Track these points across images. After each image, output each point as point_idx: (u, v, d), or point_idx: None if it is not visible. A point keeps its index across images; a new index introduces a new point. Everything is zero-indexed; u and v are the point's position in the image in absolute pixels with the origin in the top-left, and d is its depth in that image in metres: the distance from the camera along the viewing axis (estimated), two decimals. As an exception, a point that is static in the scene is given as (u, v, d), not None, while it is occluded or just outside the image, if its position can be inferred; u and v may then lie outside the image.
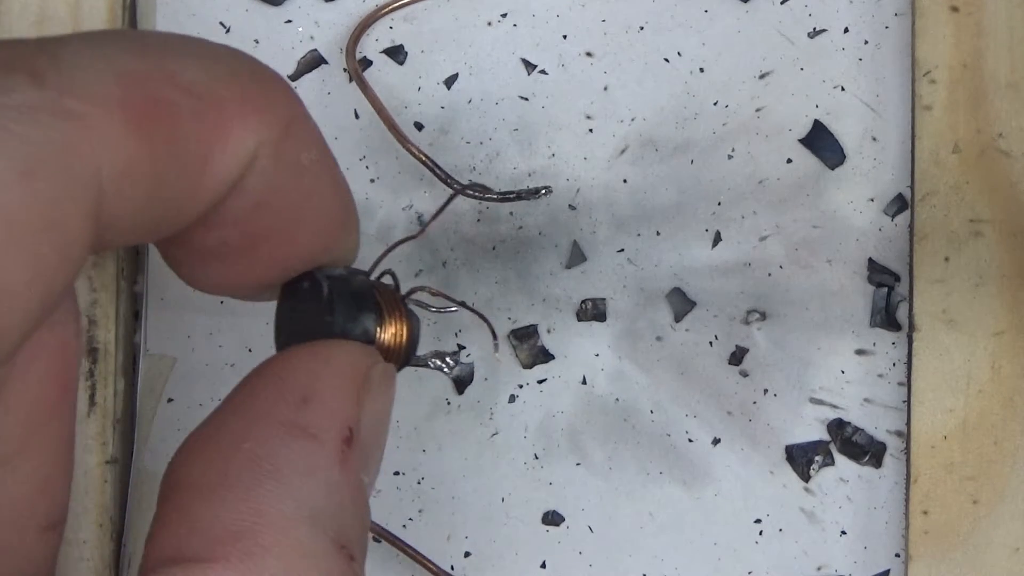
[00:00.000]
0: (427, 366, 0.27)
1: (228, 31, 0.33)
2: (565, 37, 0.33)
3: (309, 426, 0.20)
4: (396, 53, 0.33)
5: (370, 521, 0.22)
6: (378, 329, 0.24)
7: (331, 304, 0.23)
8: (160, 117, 0.19)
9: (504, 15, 0.33)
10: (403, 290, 0.26)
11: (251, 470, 0.20)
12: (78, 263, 0.19)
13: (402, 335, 0.24)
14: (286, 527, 0.19)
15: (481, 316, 0.29)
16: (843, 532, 0.33)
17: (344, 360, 0.22)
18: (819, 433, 0.33)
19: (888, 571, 0.32)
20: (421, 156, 0.31)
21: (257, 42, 0.33)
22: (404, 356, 0.25)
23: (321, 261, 0.24)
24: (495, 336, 0.31)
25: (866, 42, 0.33)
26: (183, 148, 0.19)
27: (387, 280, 0.26)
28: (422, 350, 0.28)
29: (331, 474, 0.20)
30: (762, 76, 0.33)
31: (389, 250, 0.28)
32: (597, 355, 0.33)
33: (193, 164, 0.20)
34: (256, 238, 0.22)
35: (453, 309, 0.29)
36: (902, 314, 0.33)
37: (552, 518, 0.33)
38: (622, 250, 0.33)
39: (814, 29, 0.33)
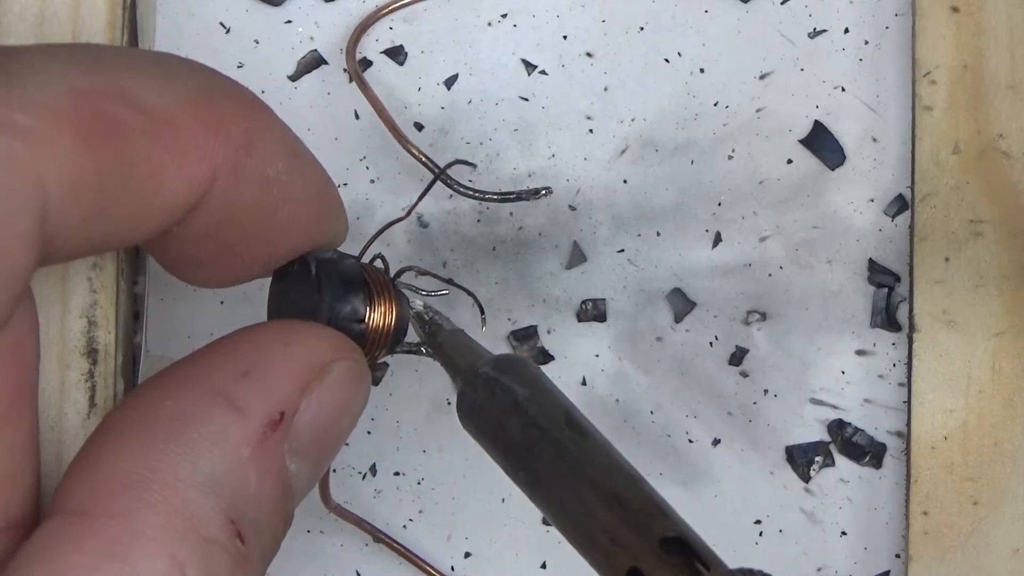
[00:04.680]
0: (419, 353, 0.27)
1: (228, 31, 0.33)
2: (565, 37, 0.33)
3: (237, 399, 0.20)
4: (396, 54, 0.33)
5: (286, 512, 0.21)
6: (367, 309, 0.24)
7: (319, 285, 0.23)
8: (110, 135, 0.19)
9: (504, 15, 0.33)
10: (392, 273, 0.26)
11: (164, 427, 0.20)
12: (23, 277, 0.19)
13: (391, 315, 0.25)
14: (176, 487, 0.19)
15: (468, 292, 0.29)
16: (843, 533, 0.33)
17: (304, 345, 0.22)
18: (819, 434, 0.33)
19: (888, 572, 0.32)
20: (421, 157, 0.31)
21: (257, 42, 0.33)
22: (394, 336, 0.25)
23: (308, 248, 0.24)
24: (483, 311, 0.31)
25: (866, 42, 0.33)
26: (133, 167, 0.19)
27: (377, 264, 0.26)
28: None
29: (241, 449, 0.20)
30: (762, 76, 0.33)
31: (377, 235, 0.28)
32: (597, 356, 0.33)
33: (144, 184, 0.20)
34: (232, 246, 0.22)
35: (444, 292, 0.29)
36: (902, 315, 0.33)
37: (552, 519, 0.33)
38: (622, 250, 0.33)
39: (814, 29, 0.33)
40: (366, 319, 0.24)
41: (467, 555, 0.33)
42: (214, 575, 0.19)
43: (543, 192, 0.32)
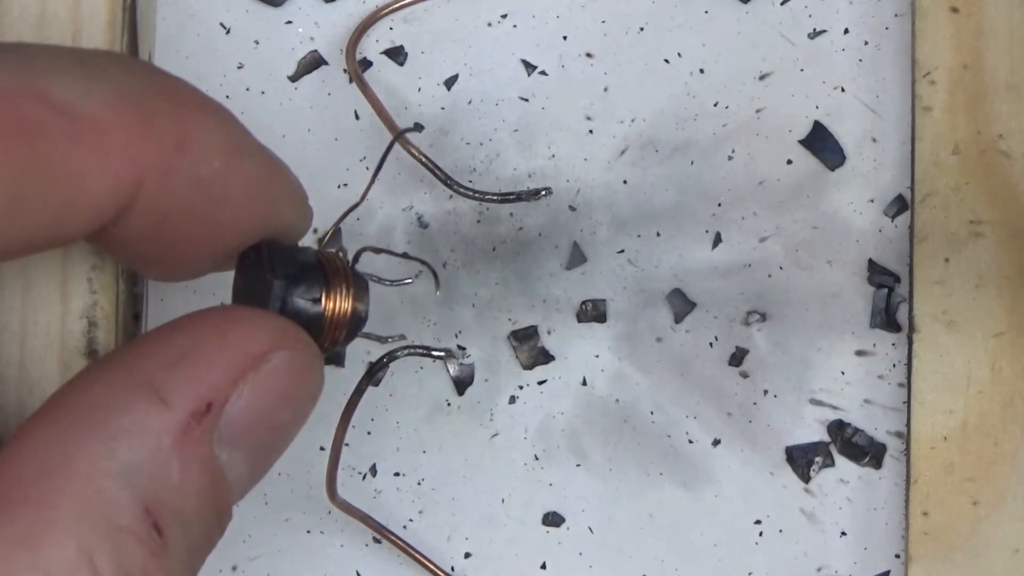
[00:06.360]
0: (428, 355, 0.27)
1: (228, 32, 0.33)
2: (565, 38, 0.33)
3: (162, 389, 0.20)
4: (396, 54, 0.33)
5: (218, 503, 0.21)
6: (322, 293, 0.24)
7: (271, 269, 0.23)
8: (24, 137, 0.19)
9: (504, 16, 0.33)
10: (354, 265, 0.26)
11: (86, 415, 0.20)
12: None
13: (348, 300, 0.24)
14: (91, 476, 0.19)
15: (422, 261, 0.28)
16: (843, 533, 0.33)
17: (241, 333, 0.21)
18: (819, 434, 0.33)
19: (888, 572, 0.32)
20: (421, 157, 0.31)
21: (257, 43, 0.33)
22: (352, 323, 0.24)
23: (267, 236, 0.24)
24: (437, 279, 0.30)
25: (866, 43, 0.33)
26: (51, 170, 0.19)
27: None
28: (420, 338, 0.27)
29: (162, 440, 0.20)
30: (762, 77, 0.33)
31: (337, 223, 0.28)
32: (597, 356, 0.33)
33: (64, 187, 0.19)
34: (174, 244, 0.22)
35: (408, 281, 0.28)
36: (902, 315, 0.33)
37: (552, 519, 0.33)
38: (622, 251, 0.33)
39: (814, 30, 0.33)
40: (322, 303, 0.24)
41: (467, 555, 0.33)
42: (125, 564, 0.19)
43: (543, 192, 0.32)
